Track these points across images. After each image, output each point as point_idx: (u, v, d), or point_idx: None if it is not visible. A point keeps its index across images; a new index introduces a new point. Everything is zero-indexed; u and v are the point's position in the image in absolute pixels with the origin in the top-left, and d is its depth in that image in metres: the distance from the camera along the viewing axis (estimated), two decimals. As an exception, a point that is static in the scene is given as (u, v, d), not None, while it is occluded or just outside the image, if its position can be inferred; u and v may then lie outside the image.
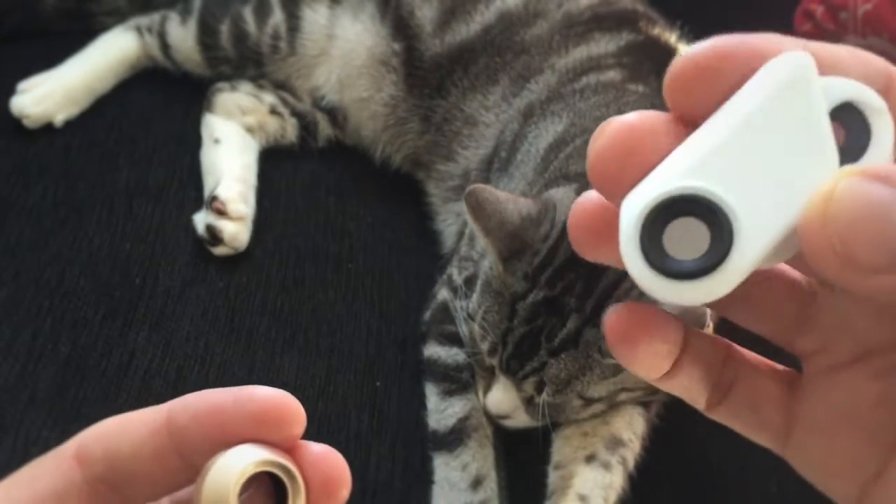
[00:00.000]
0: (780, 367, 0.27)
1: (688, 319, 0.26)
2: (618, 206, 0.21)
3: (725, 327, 0.30)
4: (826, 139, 0.21)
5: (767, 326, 0.26)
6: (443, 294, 0.70)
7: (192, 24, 0.85)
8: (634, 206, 0.21)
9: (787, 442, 0.26)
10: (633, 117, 0.22)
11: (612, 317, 0.24)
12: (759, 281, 0.23)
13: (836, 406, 0.24)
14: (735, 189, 0.20)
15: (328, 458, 0.23)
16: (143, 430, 0.23)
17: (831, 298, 0.24)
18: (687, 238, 0.21)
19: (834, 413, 0.24)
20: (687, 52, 0.21)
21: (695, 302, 0.21)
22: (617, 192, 0.21)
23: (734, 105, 0.21)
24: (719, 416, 0.27)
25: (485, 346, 0.60)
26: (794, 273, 0.25)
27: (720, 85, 0.21)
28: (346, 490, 0.23)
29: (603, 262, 0.25)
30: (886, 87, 0.21)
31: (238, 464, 0.21)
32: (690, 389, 0.26)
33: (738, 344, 0.27)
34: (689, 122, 0.22)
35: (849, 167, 0.20)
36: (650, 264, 0.21)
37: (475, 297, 0.61)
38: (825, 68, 0.21)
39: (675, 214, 0.21)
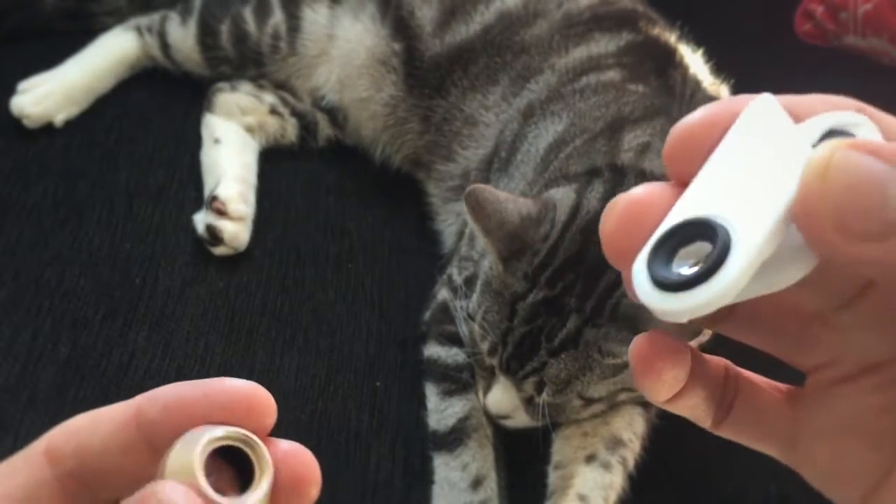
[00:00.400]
0: (776, 383, 0.28)
1: (686, 332, 0.26)
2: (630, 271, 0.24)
3: (719, 345, 0.30)
4: (798, 149, 0.22)
5: (770, 344, 0.27)
6: (443, 294, 0.70)
7: (193, 24, 0.85)
8: (644, 250, 0.23)
9: (793, 451, 0.27)
10: (637, 193, 0.24)
11: (637, 346, 0.25)
12: (762, 303, 0.24)
13: (840, 416, 0.25)
14: (725, 205, 0.22)
15: (298, 455, 0.23)
16: (111, 425, 0.23)
17: (837, 317, 0.25)
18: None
19: (838, 423, 0.25)
20: (677, 126, 0.24)
21: (705, 307, 0.22)
22: (631, 260, 0.23)
23: (717, 150, 0.24)
24: (725, 433, 0.28)
25: (485, 346, 0.60)
26: (797, 296, 0.26)
27: (709, 146, 0.24)
28: (315, 489, 0.23)
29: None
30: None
31: (203, 436, 0.21)
32: (697, 409, 0.27)
33: (733, 358, 0.28)
34: (686, 183, 0.24)
35: (840, 139, 0.22)
36: (657, 284, 0.22)
37: (475, 297, 0.61)
38: (802, 115, 0.23)
39: (678, 245, 0.23)
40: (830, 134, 0.23)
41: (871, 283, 0.23)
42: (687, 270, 0.22)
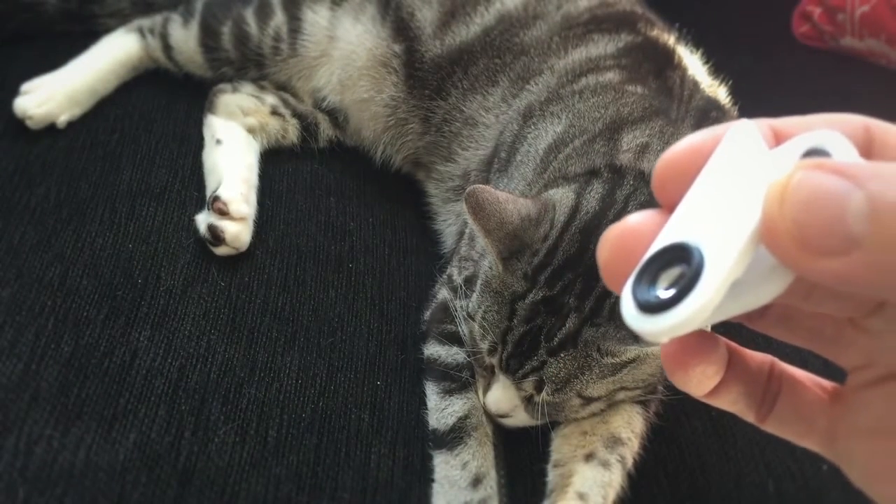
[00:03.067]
0: (820, 379, 0.29)
1: None
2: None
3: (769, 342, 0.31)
4: (769, 172, 0.23)
5: (809, 344, 0.29)
6: (443, 294, 0.70)
7: (194, 26, 0.86)
8: (630, 277, 0.25)
9: (833, 448, 0.28)
10: (629, 222, 0.26)
11: (668, 343, 0.27)
12: (794, 305, 0.26)
13: (876, 416, 0.26)
14: (700, 229, 0.24)
15: None
16: None
17: (868, 322, 0.26)
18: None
19: (873, 422, 0.26)
20: (663, 157, 0.26)
21: (680, 327, 0.23)
22: (623, 284, 0.25)
23: (699, 177, 0.25)
24: (769, 427, 0.30)
25: (484, 346, 0.61)
26: (821, 304, 0.27)
27: (693, 174, 0.25)
28: None
29: None
30: (867, 137, 0.24)
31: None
32: (738, 403, 0.29)
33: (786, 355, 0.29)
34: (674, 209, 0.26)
35: (807, 160, 0.23)
36: (640, 307, 0.24)
37: (475, 296, 0.62)
38: (789, 137, 0.24)
39: (659, 269, 0.24)
40: (810, 154, 0.24)
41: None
42: (664, 293, 0.23)
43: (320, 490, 0.58)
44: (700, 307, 0.22)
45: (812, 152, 0.24)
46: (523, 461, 0.63)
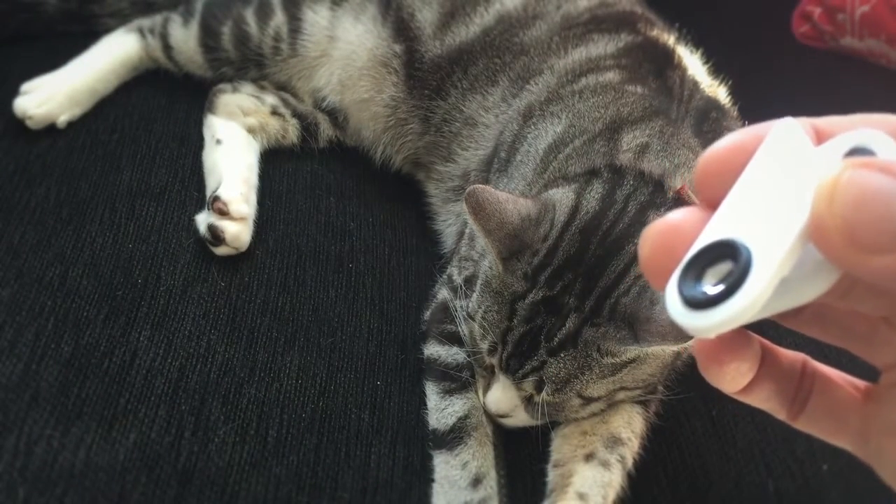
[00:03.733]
0: (853, 378, 0.29)
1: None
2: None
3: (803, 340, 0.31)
4: (815, 169, 0.23)
5: (842, 342, 0.29)
6: (443, 294, 0.70)
7: (194, 26, 0.86)
8: (674, 274, 0.25)
9: (864, 446, 0.28)
10: (671, 218, 0.26)
11: (700, 340, 0.27)
12: (829, 303, 0.26)
13: None
14: (747, 227, 0.24)
15: None
16: None
17: None
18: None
19: None
20: (705, 153, 0.26)
21: (728, 323, 0.24)
22: (666, 280, 0.25)
23: (743, 175, 0.25)
24: (801, 425, 0.30)
25: (484, 346, 0.61)
26: (856, 303, 0.28)
27: (736, 171, 0.25)
28: None
29: None
30: None
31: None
32: (770, 401, 0.29)
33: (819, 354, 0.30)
34: (717, 206, 0.26)
35: (855, 159, 0.23)
36: (687, 303, 0.24)
37: (475, 296, 0.62)
38: (831, 135, 0.25)
39: (706, 266, 0.24)
40: (853, 153, 0.24)
41: None
42: (711, 289, 0.24)
43: (320, 490, 0.58)
44: (749, 304, 0.23)
45: (855, 151, 0.24)
46: (523, 461, 0.63)
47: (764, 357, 0.28)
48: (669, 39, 0.79)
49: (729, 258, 0.24)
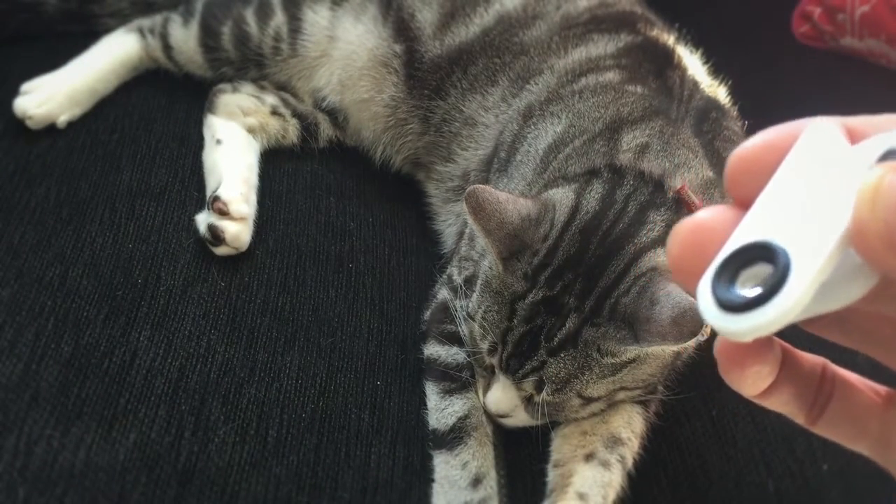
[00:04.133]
0: (874, 383, 0.29)
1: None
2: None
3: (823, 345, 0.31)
4: (853, 171, 0.23)
5: (864, 346, 0.29)
6: (443, 294, 0.70)
7: (194, 26, 0.86)
8: (707, 272, 0.25)
9: (885, 452, 0.28)
10: (701, 217, 0.25)
11: (722, 341, 0.27)
12: (851, 308, 0.25)
13: None
14: (785, 229, 0.23)
15: None
16: None
17: None
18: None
19: None
20: (736, 151, 0.25)
21: (767, 327, 0.23)
22: (697, 281, 0.25)
23: (777, 174, 0.25)
24: (820, 430, 0.29)
25: (484, 346, 0.61)
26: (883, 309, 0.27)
27: (768, 170, 0.25)
28: None
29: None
30: None
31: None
32: (789, 405, 0.28)
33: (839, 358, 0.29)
34: (747, 206, 0.25)
35: (891, 162, 0.23)
36: (721, 305, 0.24)
37: (475, 296, 0.62)
38: (865, 136, 0.24)
39: (740, 267, 0.24)
40: (889, 155, 0.23)
41: None
42: (749, 292, 0.23)
43: (320, 490, 0.58)
44: (789, 308, 0.22)
45: (892, 152, 0.23)
46: (523, 461, 0.63)
47: (784, 360, 0.28)
48: (669, 39, 0.79)
49: (765, 260, 0.23)
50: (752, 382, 0.27)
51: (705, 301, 0.24)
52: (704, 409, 0.67)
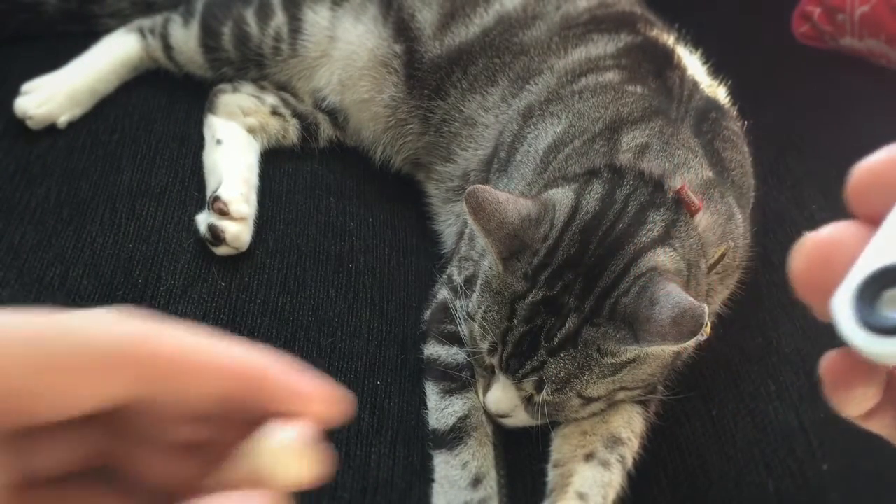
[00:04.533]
0: None
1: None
2: (821, 305, 0.24)
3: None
4: None
5: None
6: (443, 294, 0.70)
7: (195, 26, 0.86)
8: (845, 291, 0.24)
9: None
10: (827, 232, 0.25)
11: (830, 360, 0.26)
12: None
13: None
14: None
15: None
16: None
17: None
18: None
19: None
20: (861, 165, 0.25)
21: None
22: (822, 296, 0.24)
23: None
24: None
25: (484, 346, 0.61)
26: None
27: (894, 186, 0.24)
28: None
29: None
30: None
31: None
32: (891, 428, 0.28)
33: None
34: (872, 221, 0.25)
35: None
36: (865, 326, 0.23)
37: (475, 296, 0.62)
38: None
39: (881, 288, 0.23)
40: None
41: None
42: None
43: (320, 490, 0.58)
44: None
45: None
46: (523, 461, 0.63)
47: (889, 382, 0.27)
48: (669, 39, 0.79)
49: None
50: (857, 403, 0.27)
51: (847, 320, 0.23)
52: (704, 409, 0.67)
